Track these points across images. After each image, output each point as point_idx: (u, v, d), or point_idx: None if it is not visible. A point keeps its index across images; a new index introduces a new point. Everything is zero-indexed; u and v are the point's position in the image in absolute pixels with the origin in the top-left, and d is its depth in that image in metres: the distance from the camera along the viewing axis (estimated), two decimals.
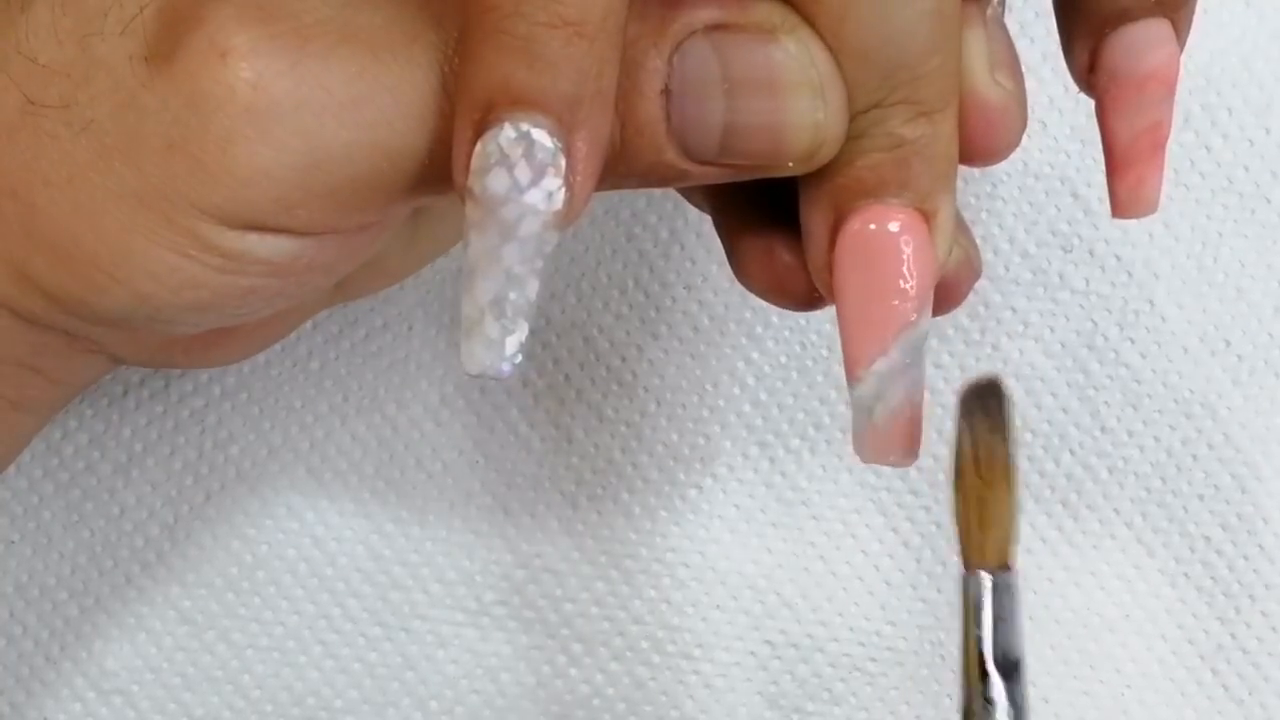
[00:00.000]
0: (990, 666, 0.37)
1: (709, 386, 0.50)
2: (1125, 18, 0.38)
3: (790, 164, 0.35)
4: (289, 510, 0.50)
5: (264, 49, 0.34)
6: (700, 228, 0.50)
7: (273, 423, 0.50)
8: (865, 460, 0.37)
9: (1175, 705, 0.50)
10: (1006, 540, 0.37)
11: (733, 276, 0.39)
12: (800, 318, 0.50)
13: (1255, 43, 0.50)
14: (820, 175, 0.35)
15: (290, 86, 0.34)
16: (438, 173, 0.34)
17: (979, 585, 0.37)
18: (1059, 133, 0.50)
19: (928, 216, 0.35)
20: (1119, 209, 0.39)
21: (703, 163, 0.35)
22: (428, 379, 0.50)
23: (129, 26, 0.34)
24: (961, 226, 0.37)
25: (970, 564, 0.37)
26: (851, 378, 0.36)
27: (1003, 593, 0.37)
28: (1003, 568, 0.37)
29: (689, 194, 0.42)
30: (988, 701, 0.37)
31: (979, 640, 0.37)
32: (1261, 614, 0.50)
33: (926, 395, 0.37)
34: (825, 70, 0.34)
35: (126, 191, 0.34)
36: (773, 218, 0.37)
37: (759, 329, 0.50)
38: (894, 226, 0.35)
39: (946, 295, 0.37)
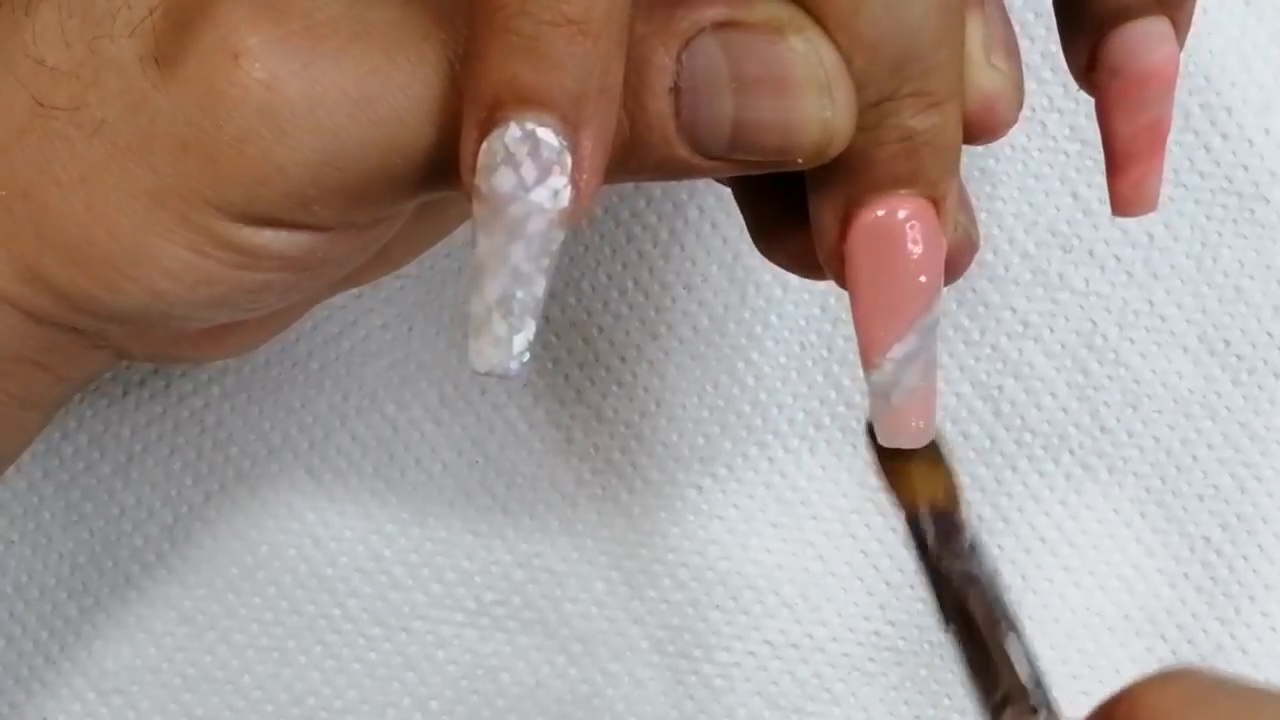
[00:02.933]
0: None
1: (708, 387, 0.50)
2: (1125, 16, 0.38)
3: (800, 160, 0.35)
4: (289, 510, 0.50)
5: (277, 49, 0.34)
6: (700, 228, 0.50)
7: (272, 423, 0.50)
8: (885, 442, 0.37)
9: None
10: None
11: (732, 276, 0.39)
12: (800, 319, 0.50)
13: (1255, 42, 0.50)
14: (830, 168, 0.35)
15: (304, 86, 0.34)
16: (450, 168, 0.34)
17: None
18: (1059, 133, 0.50)
19: (936, 202, 0.36)
20: (1119, 207, 0.39)
21: (713, 158, 0.35)
22: (427, 379, 0.50)
23: (138, 28, 0.34)
24: (963, 202, 0.37)
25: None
26: (869, 365, 0.36)
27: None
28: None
29: None
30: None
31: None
32: (1261, 614, 0.50)
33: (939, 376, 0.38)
34: (833, 67, 0.34)
35: (140, 190, 0.35)
36: (792, 189, 0.38)
37: (758, 329, 0.50)
38: (905, 215, 0.35)
39: (947, 270, 0.37)
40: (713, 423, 0.50)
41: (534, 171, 0.33)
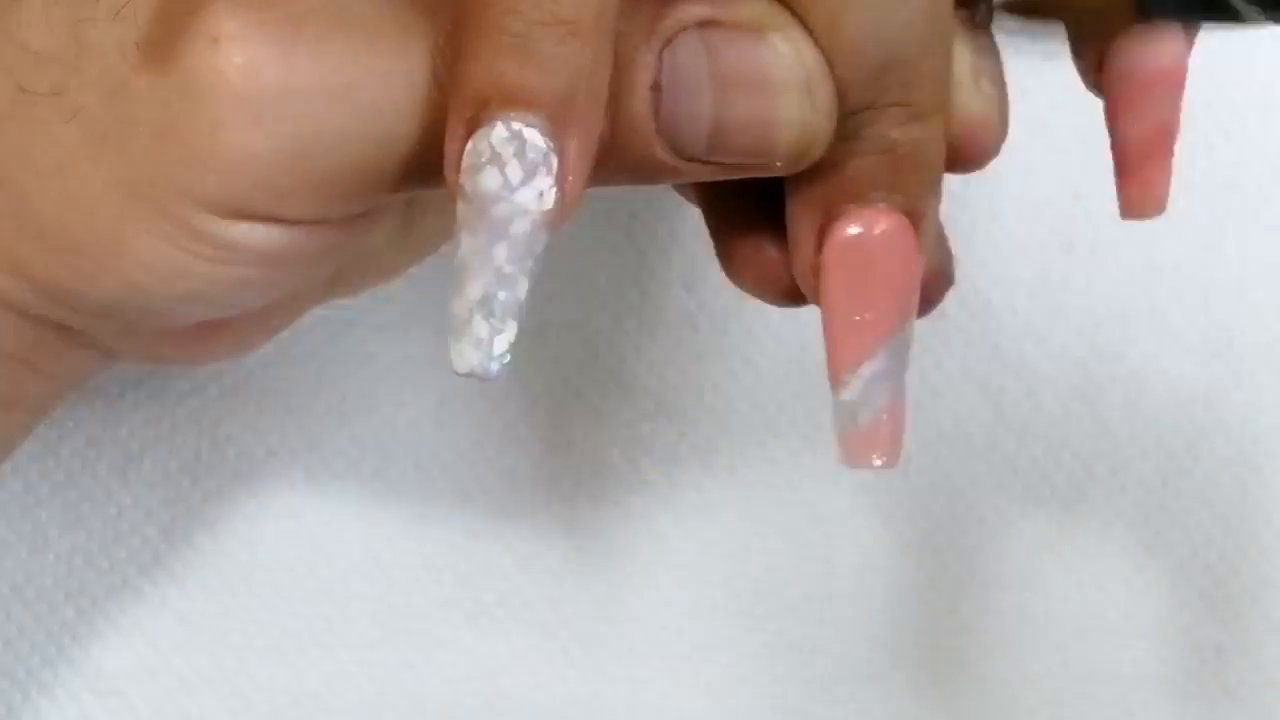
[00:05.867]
0: None
1: (708, 387, 0.50)
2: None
3: (779, 163, 0.35)
4: (287, 511, 0.50)
5: (256, 35, 0.34)
6: (700, 228, 0.50)
7: (270, 424, 0.50)
8: (848, 464, 0.37)
9: (1177, 707, 0.50)
10: None
11: None
12: (800, 318, 0.50)
13: (1257, 41, 0.50)
14: (809, 177, 0.35)
15: (282, 73, 0.34)
16: (429, 163, 0.34)
17: None
18: (1059, 133, 0.50)
19: (915, 220, 0.36)
20: (1128, 210, 0.39)
21: (692, 160, 0.35)
22: (426, 380, 0.50)
23: (121, 13, 0.34)
24: (941, 236, 0.37)
25: None
26: (836, 382, 0.36)
27: None
28: None
29: (679, 187, 0.42)
30: None
31: None
32: (1263, 615, 0.50)
33: (917, 396, 0.37)
34: (815, 70, 0.34)
35: (117, 180, 0.34)
36: (760, 212, 0.37)
37: (758, 329, 0.50)
38: (882, 230, 0.35)
39: (920, 302, 0.37)
40: (713, 423, 0.50)
41: (519, 172, 0.32)
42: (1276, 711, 0.50)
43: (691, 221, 0.50)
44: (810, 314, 0.50)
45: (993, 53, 0.37)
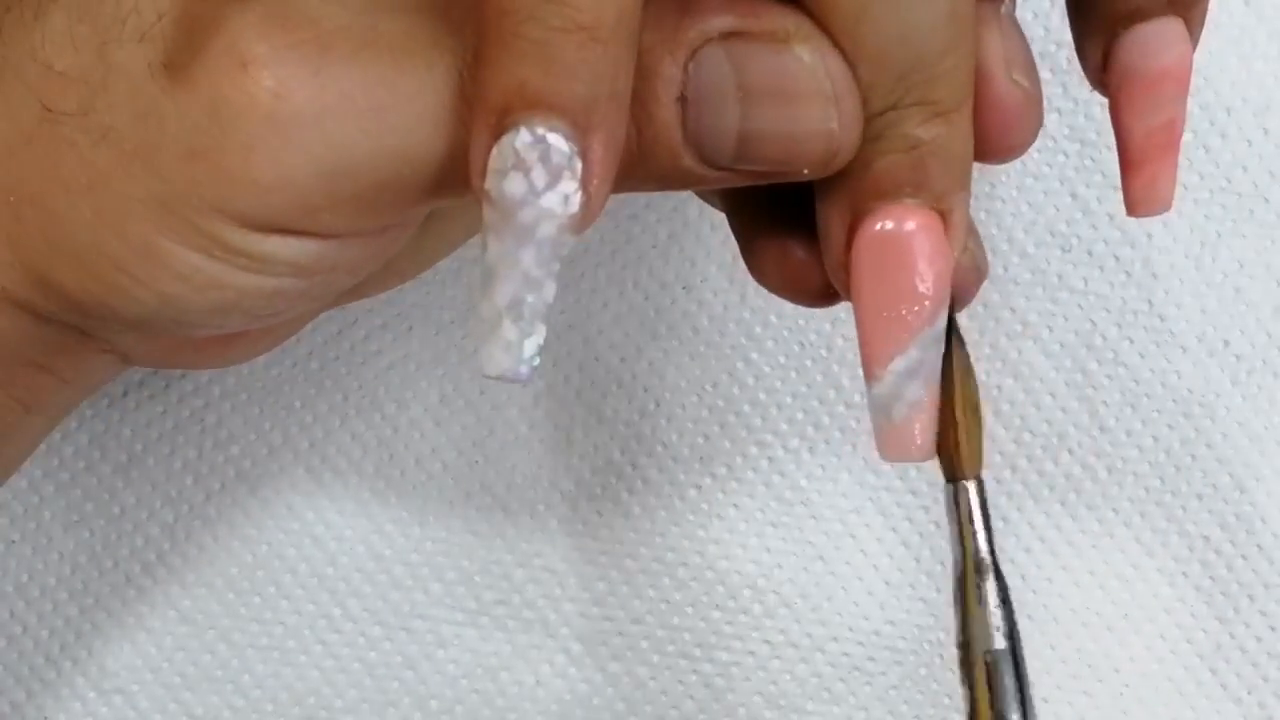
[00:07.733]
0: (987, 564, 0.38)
1: (708, 387, 0.50)
2: (1139, 17, 0.38)
3: (805, 171, 0.35)
4: (289, 510, 0.50)
5: (285, 57, 0.34)
6: (699, 229, 0.50)
7: (272, 423, 0.50)
8: (886, 459, 0.37)
9: (1173, 705, 0.50)
10: (981, 448, 0.38)
11: (732, 276, 0.39)
12: (799, 318, 0.50)
13: (1254, 42, 0.50)
14: (837, 177, 0.35)
15: (312, 94, 0.34)
16: (457, 176, 0.34)
17: (966, 492, 0.38)
18: (1057, 133, 0.50)
19: (944, 215, 0.36)
20: (1134, 208, 0.39)
21: (719, 169, 0.35)
22: (427, 379, 0.50)
23: (147, 34, 0.34)
24: (970, 228, 0.37)
25: (962, 474, 0.38)
26: (870, 377, 0.36)
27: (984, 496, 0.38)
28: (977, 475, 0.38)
29: (703, 193, 0.42)
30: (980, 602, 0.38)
31: (975, 540, 0.38)
32: (1260, 613, 0.50)
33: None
34: (839, 78, 0.34)
35: (148, 196, 0.34)
36: (786, 214, 0.38)
37: (758, 329, 0.50)
38: (911, 226, 0.35)
39: (954, 297, 0.37)
40: (712, 422, 0.50)
41: (544, 177, 0.33)
42: (1275, 711, 0.50)
43: (692, 222, 0.50)
44: (808, 313, 0.50)
45: (1022, 42, 0.37)
